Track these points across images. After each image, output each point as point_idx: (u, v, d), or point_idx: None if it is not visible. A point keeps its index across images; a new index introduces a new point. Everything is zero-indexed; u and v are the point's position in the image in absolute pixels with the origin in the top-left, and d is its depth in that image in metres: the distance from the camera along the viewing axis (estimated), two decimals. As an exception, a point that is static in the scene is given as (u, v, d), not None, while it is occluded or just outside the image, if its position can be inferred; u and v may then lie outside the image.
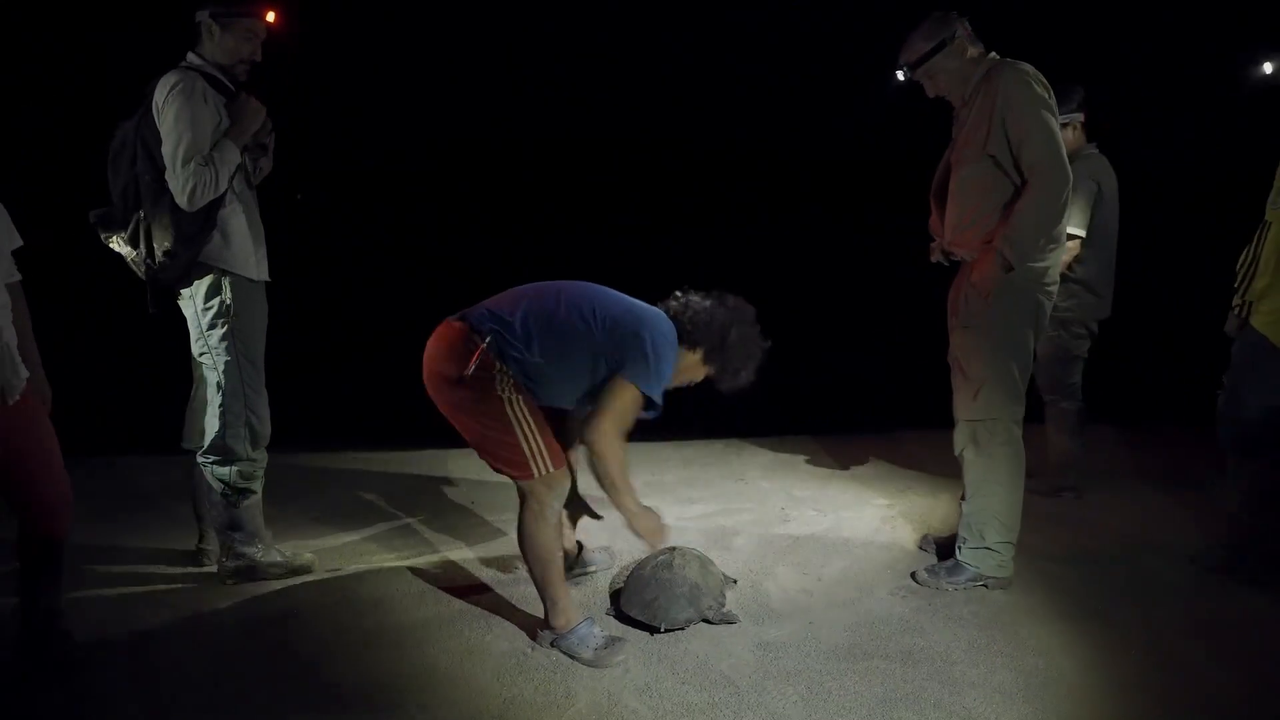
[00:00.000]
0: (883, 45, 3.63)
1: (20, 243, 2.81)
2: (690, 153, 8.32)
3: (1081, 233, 4.31)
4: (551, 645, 3.00)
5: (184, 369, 3.57)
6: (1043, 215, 3.23)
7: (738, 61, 7.80)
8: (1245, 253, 3.50)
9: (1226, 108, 6.71)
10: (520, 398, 2.86)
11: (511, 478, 2.95)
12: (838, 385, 7.26)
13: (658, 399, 2.92)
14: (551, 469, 2.89)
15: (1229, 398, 3.56)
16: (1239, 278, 3.52)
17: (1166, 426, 6.05)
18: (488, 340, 2.83)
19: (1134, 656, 2.99)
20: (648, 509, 3.05)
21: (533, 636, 3.05)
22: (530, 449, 2.86)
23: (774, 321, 3.16)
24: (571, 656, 2.94)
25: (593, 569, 3.55)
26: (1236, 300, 3.53)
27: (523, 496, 2.96)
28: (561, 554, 3.03)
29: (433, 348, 2.95)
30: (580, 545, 3.56)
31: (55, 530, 2.76)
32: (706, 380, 3.17)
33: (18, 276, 2.81)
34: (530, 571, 3.03)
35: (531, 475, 2.88)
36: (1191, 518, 4.29)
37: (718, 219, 8.43)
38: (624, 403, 2.88)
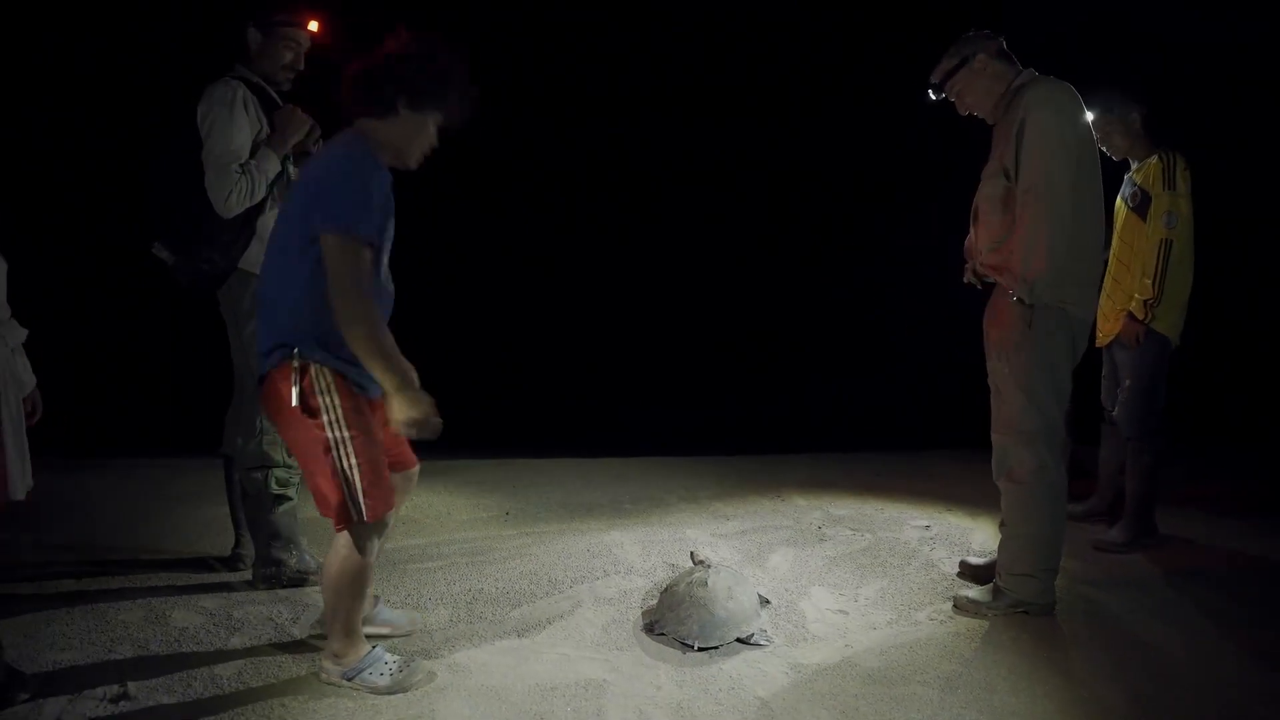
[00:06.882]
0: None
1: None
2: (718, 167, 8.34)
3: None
4: (342, 679, 2.78)
5: (225, 374, 3.59)
6: (1035, 245, 3.13)
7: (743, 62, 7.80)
8: (1154, 271, 4.00)
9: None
10: (348, 434, 2.62)
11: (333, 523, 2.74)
12: (877, 402, 7.19)
13: (371, 230, 2.52)
14: (365, 520, 2.67)
15: (1144, 391, 4.13)
16: (1152, 293, 4.00)
17: (1204, 448, 5.93)
18: (291, 355, 2.59)
19: (1179, 687, 2.90)
20: (419, 391, 2.57)
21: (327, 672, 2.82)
22: (348, 494, 2.64)
23: (813, 338, 3.12)
24: (368, 689, 2.75)
25: (385, 630, 3.13)
26: (1142, 314, 4.04)
27: (340, 531, 2.74)
28: (369, 591, 2.87)
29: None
30: (376, 599, 3.20)
31: None
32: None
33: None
34: (327, 598, 2.79)
35: (350, 521, 2.67)
36: (1237, 543, 4.18)
37: (743, 231, 8.42)
38: (340, 261, 2.48)
